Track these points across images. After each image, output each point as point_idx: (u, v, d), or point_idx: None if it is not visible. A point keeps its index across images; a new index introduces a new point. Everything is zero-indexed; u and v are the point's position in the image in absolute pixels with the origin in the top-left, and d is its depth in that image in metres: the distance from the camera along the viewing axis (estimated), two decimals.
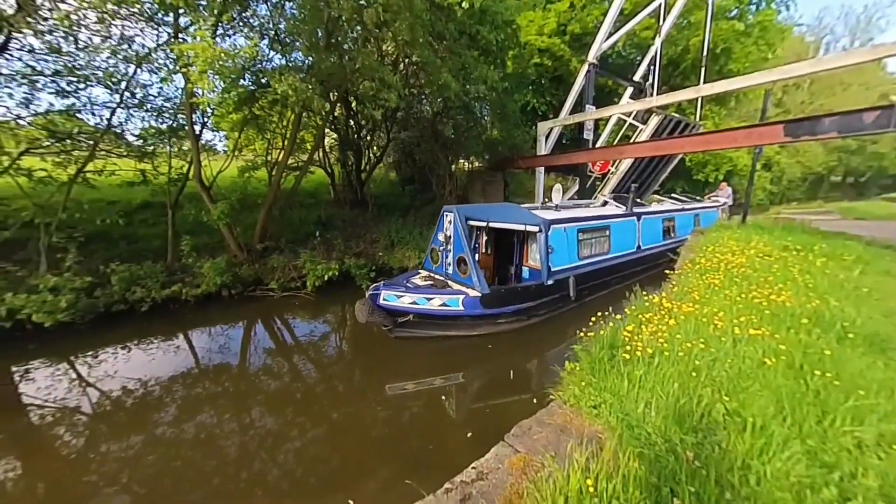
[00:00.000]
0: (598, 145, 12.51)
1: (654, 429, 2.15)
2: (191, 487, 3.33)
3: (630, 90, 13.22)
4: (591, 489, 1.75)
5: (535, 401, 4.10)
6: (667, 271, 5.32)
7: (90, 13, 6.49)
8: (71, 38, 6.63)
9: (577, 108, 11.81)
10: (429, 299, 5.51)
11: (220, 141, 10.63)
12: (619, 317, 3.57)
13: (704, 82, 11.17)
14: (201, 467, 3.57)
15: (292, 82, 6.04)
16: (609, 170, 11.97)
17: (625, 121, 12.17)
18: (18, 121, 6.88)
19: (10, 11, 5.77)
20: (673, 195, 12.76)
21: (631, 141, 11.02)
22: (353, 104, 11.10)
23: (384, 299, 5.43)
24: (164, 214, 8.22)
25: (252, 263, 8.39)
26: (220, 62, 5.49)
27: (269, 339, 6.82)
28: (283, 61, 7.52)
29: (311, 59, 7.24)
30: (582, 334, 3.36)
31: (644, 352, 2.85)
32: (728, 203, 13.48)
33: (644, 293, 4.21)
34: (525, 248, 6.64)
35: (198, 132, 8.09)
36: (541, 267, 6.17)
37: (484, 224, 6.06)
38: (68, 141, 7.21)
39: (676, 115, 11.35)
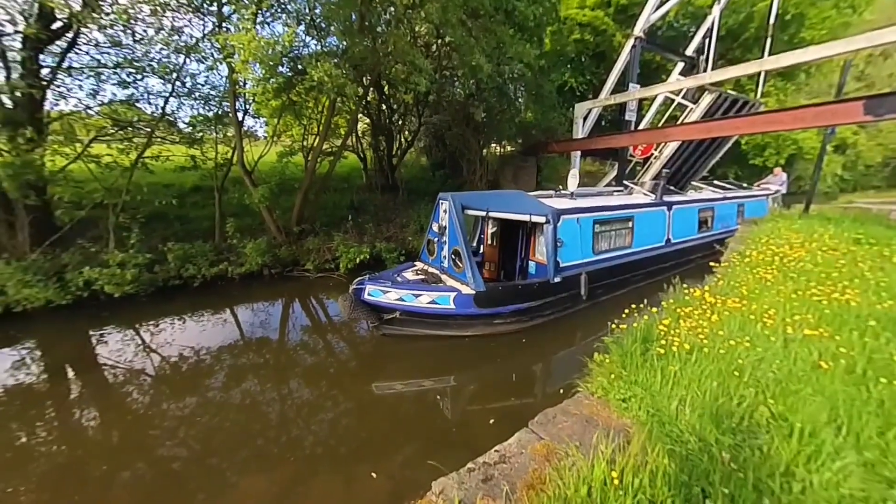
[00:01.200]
0: (640, 127, 11.70)
1: (687, 427, 2.06)
2: (237, 446, 3.67)
3: (680, 66, 12.14)
4: (616, 481, 1.72)
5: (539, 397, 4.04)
6: (711, 264, 4.97)
7: (144, 7, 6.91)
8: (129, 31, 7.12)
9: (619, 87, 11.06)
10: (416, 296, 5.03)
11: (261, 127, 11.12)
12: (654, 310, 3.41)
13: (769, 54, 10.02)
14: (246, 429, 3.92)
15: (327, 68, 6.13)
16: (652, 154, 11.21)
17: (672, 100, 11.24)
18: (88, 111, 7.57)
19: (78, 7, 6.26)
20: (715, 182, 11.27)
21: (678, 122, 10.20)
22: (386, 88, 11.10)
23: (369, 294, 5.04)
24: (212, 197, 8.81)
25: (290, 245, 8.83)
26: (261, 51, 5.68)
27: (305, 316, 7.22)
28: (319, 47, 7.64)
29: (344, 43, 7.28)
30: (614, 326, 3.25)
31: (681, 347, 2.71)
32: (781, 191, 11.89)
33: (684, 286, 3.97)
34: (532, 241, 6.01)
35: (240, 119, 8.50)
36: (547, 262, 5.52)
37: (483, 213, 5.53)
38: (129, 129, 7.86)
39: (733, 93, 10.32)
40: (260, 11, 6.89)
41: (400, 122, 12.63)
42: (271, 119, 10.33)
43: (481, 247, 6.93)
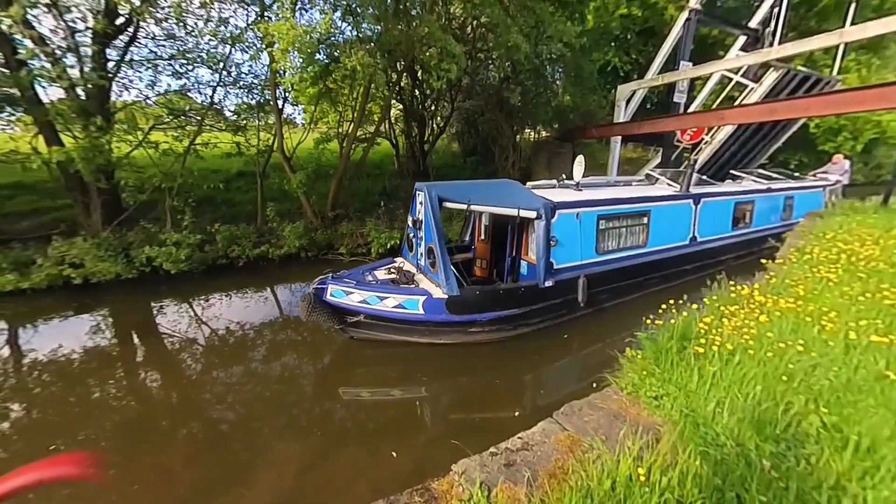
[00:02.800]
0: (690, 110, 10.79)
1: (724, 430, 1.96)
2: (275, 414, 3.98)
3: (741, 40, 10.99)
4: (643, 478, 1.69)
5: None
6: (763, 261, 4.58)
7: (195, 0, 7.28)
8: (181, 24, 7.56)
9: (669, 66, 10.22)
10: (381, 298, 4.50)
11: (299, 115, 11.51)
12: (695, 306, 3.22)
13: (852, 24, 8.79)
14: (283, 400, 4.23)
15: (360, 56, 6.18)
16: (702, 139, 10.35)
17: (729, 79, 10.25)
18: (147, 101, 8.20)
19: (137, 3, 6.72)
20: (759, 171, 9.65)
21: (736, 103, 9.30)
22: (419, 73, 11.03)
23: (331, 295, 4.55)
24: (255, 182, 9.31)
25: (325, 229, 9.20)
26: (299, 39, 5.82)
27: None
28: (354, 33, 7.69)
29: (378, 28, 7.28)
30: (649, 321, 3.12)
31: (723, 347, 2.56)
32: (842, 182, 10.12)
33: (731, 283, 3.70)
34: (525, 238, 5.26)
35: (281, 106, 8.84)
36: (537, 264, 4.82)
37: (464, 206, 4.71)
38: (182, 117, 8.44)
39: (803, 69, 9.23)
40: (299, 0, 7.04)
41: (433, 108, 12.55)
42: (309, 106, 10.64)
43: (473, 243, 6.25)
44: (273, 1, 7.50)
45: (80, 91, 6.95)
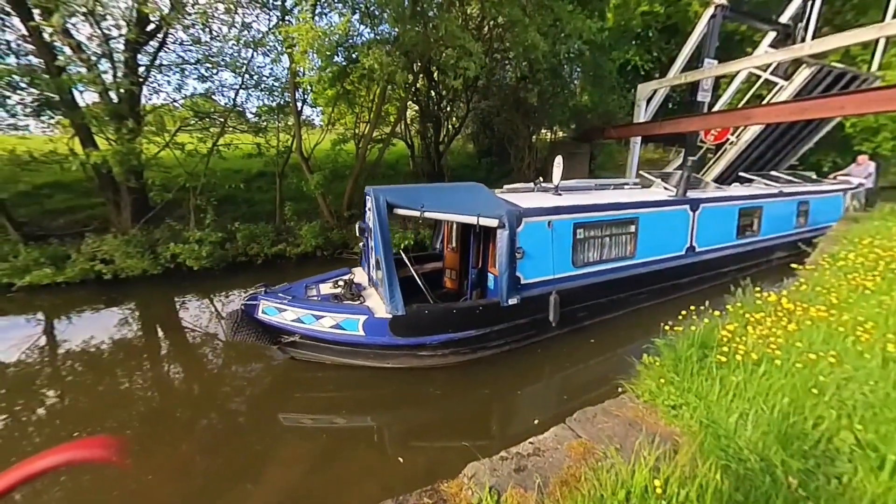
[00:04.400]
0: (715, 109, 10.42)
1: (747, 443, 1.87)
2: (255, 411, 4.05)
3: (771, 36, 10.52)
4: (660, 490, 1.63)
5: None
6: (793, 266, 4.36)
7: (220, 5, 7.54)
8: (207, 29, 7.85)
9: (692, 64, 9.90)
10: (317, 317, 4.00)
11: (317, 116, 11.75)
12: (717, 313, 3.09)
13: (893, 17, 8.31)
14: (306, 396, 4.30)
15: (378, 56, 6.25)
16: (727, 139, 9.98)
17: (757, 77, 9.84)
18: (174, 104, 8.55)
19: (166, 10, 7.01)
20: (774, 173, 8.91)
21: (764, 102, 8.92)
22: (436, 74, 11.07)
23: (263, 312, 4.07)
24: (274, 182, 9.55)
25: (340, 229, 9.33)
26: (318, 42, 5.94)
27: None
28: (372, 35, 7.79)
29: (396, 30, 7.35)
30: (668, 328, 3.02)
31: (747, 356, 2.45)
32: (866, 185, 9.19)
33: (757, 289, 3.54)
34: (492, 248, 4.62)
35: (299, 108, 9.04)
36: (499, 279, 4.22)
37: (416, 213, 4.14)
38: (207, 119, 8.75)
39: (838, 66, 8.76)
40: (318, 3, 7.19)
41: (448, 109, 12.57)
42: (326, 108, 10.84)
43: (444, 251, 5.66)
44: (293, 5, 7.69)
45: (112, 95, 7.30)
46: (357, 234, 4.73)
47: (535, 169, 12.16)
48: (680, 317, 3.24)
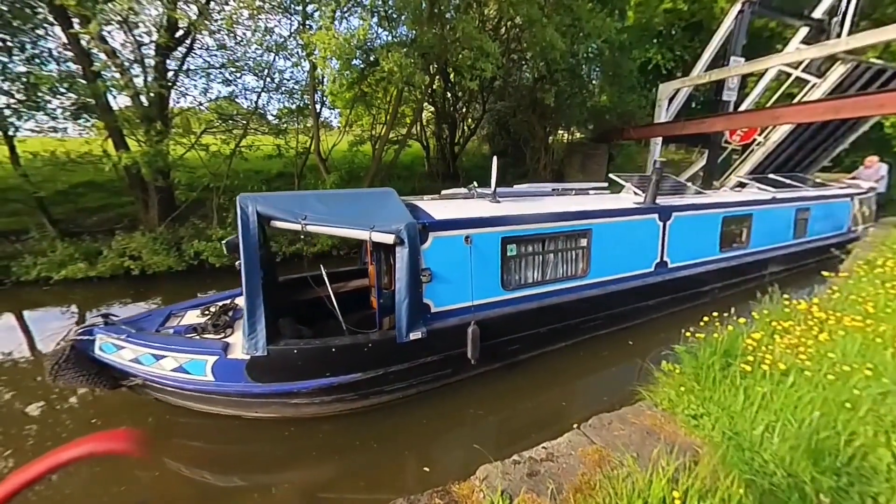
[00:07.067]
0: (741, 109, 10.05)
1: (773, 457, 1.79)
2: None
3: (803, 32, 10.08)
4: (679, 502, 1.57)
5: None
6: (824, 273, 4.15)
7: (244, 11, 7.80)
8: (231, 34, 8.13)
9: (717, 62, 9.59)
10: (157, 357, 3.21)
11: (335, 118, 11.99)
12: (742, 320, 2.98)
13: None
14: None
15: (397, 58, 6.33)
16: (754, 140, 9.60)
17: (787, 75, 9.44)
18: (200, 107, 8.89)
19: (194, 16, 7.30)
20: (773, 176, 7.73)
21: (795, 101, 8.54)
22: (452, 76, 11.11)
23: (101, 349, 3.29)
24: (292, 183, 9.78)
25: None
26: (340, 48, 6.06)
27: None
28: (390, 37, 7.89)
29: (414, 32, 7.42)
30: (689, 334, 2.92)
31: (774, 366, 2.34)
32: (878, 189, 8.24)
33: (786, 297, 3.39)
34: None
35: (318, 110, 9.24)
36: (398, 308, 3.33)
37: (297, 226, 3.25)
38: (230, 121, 9.06)
39: (878, 62, 8.30)
40: (338, 8, 7.34)
41: (464, 110, 12.59)
42: (344, 110, 11.05)
43: (380, 272, 4.41)
44: (314, 9, 7.87)
45: (143, 99, 7.65)
46: (226, 252, 3.66)
47: (552, 170, 12.04)
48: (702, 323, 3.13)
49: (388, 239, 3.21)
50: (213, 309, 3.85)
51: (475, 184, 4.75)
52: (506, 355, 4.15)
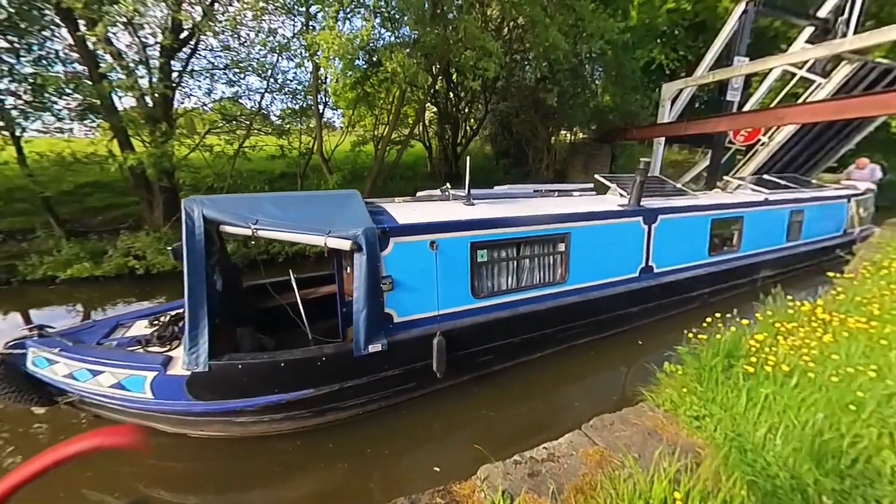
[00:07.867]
0: (745, 109, 9.99)
1: (776, 459, 1.78)
2: None
3: (808, 32, 10.02)
4: (680, 503, 1.57)
5: None
6: (829, 274, 4.12)
7: (248, 12, 7.84)
8: (235, 36, 8.18)
9: (721, 62, 9.54)
10: (94, 373, 3.01)
11: (338, 118, 12.04)
12: (745, 321, 2.96)
13: None
14: None
15: (401, 59, 6.35)
16: (759, 140, 9.55)
17: (792, 74, 9.38)
18: (204, 107, 8.95)
19: (198, 18, 7.35)
20: (766, 176, 7.47)
21: (800, 101, 8.48)
22: (454, 76, 11.12)
23: (33, 363, 3.10)
24: (295, 183, 9.81)
25: None
26: (343, 48, 6.09)
27: None
28: (392, 38, 7.91)
29: (416, 33, 7.44)
30: (691, 335, 2.91)
31: (777, 368, 2.33)
32: (872, 191, 8.08)
33: (790, 298, 3.37)
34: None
35: (321, 111, 9.27)
36: (355, 320, 3.13)
37: (248, 231, 3.06)
38: (234, 122, 9.11)
39: (884, 61, 8.24)
40: (342, 9, 7.37)
41: (466, 111, 12.60)
42: (347, 110, 11.09)
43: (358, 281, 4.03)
44: (318, 10, 7.90)
45: (148, 100, 7.71)
46: (172, 259, 3.43)
47: (555, 170, 12.02)
48: (705, 324, 3.11)
49: (345, 245, 3.00)
50: (162, 319, 3.62)
51: (448, 185, 4.52)
52: (477, 367, 3.94)
